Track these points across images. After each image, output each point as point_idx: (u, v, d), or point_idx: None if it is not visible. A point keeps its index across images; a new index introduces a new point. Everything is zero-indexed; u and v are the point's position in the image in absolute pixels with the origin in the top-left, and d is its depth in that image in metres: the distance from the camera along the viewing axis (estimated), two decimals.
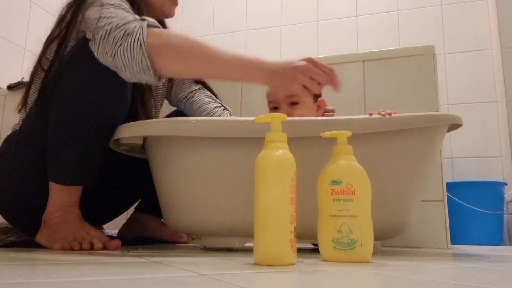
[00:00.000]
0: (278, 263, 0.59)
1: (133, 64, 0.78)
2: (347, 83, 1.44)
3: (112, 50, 0.78)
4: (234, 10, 2.74)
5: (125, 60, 0.78)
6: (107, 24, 0.81)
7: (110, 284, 0.39)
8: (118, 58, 0.79)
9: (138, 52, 0.77)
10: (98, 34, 0.81)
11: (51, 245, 0.86)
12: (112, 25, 0.80)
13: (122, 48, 0.78)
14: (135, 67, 0.78)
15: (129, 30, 0.79)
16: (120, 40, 0.78)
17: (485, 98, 2.20)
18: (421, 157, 0.89)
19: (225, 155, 0.88)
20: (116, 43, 0.78)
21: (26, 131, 0.95)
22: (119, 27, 0.79)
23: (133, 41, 0.78)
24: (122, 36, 0.78)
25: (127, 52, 0.78)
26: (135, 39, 0.77)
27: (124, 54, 0.78)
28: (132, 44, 0.77)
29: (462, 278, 0.52)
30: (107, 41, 0.79)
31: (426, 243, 1.27)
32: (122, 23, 0.80)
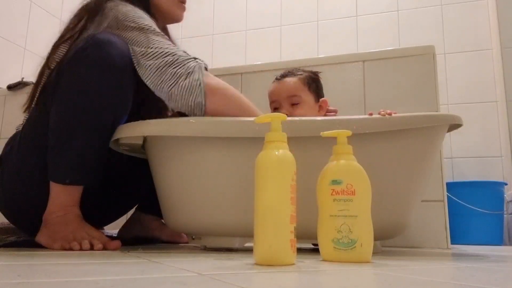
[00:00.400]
0: (278, 263, 0.59)
1: (189, 101, 0.89)
2: (347, 83, 1.44)
3: (172, 83, 0.89)
4: (234, 10, 2.74)
5: (183, 95, 0.89)
6: (163, 55, 0.90)
7: (110, 284, 0.39)
8: (175, 92, 0.89)
9: (196, 91, 0.89)
10: (154, 62, 0.90)
11: (51, 245, 0.86)
12: (172, 58, 0.90)
13: (183, 84, 0.89)
14: (190, 103, 0.90)
15: (190, 69, 0.90)
16: (182, 76, 0.89)
17: (485, 98, 2.20)
18: (421, 157, 0.89)
19: (225, 155, 0.88)
20: (178, 79, 0.89)
21: (27, 131, 0.96)
22: (180, 64, 0.90)
23: (193, 80, 0.89)
24: (183, 73, 0.89)
25: (187, 89, 0.89)
26: (196, 79, 0.89)
27: (183, 90, 0.89)
28: (193, 83, 0.89)
29: (462, 278, 0.52)
30: (165, 73, 0.90)
31: (426, 243, 1.27)
32: (182, 60, 0.91)
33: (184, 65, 0.90)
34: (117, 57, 0.87)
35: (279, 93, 1.10)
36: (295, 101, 1.08)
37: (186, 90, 0.89)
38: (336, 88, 1.43)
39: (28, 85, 1.84)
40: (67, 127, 0.87)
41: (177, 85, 0.89)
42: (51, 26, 2.41)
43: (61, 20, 2.48)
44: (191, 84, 0.89)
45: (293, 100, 1.08)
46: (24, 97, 1.04)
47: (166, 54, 0.90)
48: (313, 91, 1.10)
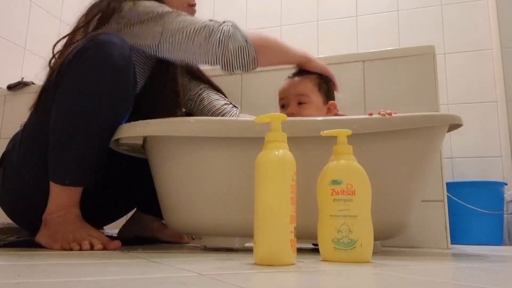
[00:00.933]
0: (278, 263, 0.59)
1: (244, 57, 0.94)
2: (347, 83, 1.44)
3: (223, 52, 0.93)
4: (234, 10, 2.74)
5: (237, 57, 0.94)
6: (196, 31, 0.94)
7: (110, 284, 0.39)
8: (229, 58, 0.94)
9: (246, 47, 0.94)
10: (193, 42, 0.93)
11: (51, 245, 0.86)
12: (207, 31, 0.94)
13: (232, 48, 0.93)
14: (246, 59, 0.95)
15: (229, 32, 0.94)
16: (228, 40, 0.93)
17: (485, 98, 2.20)
18: (421, 157, 0.89)
19: (225, 155, 0.88)
20: (226, 45, 0.93)
21: (28, 131, 0.96)
22: (217, 32, 0.94)
23: (239, 41, 0.94)
24: (226, 38, 0.93)
25: (238, 51, 0.94)
26: (239, 39, 0.94)
27: (236, 54, 0.94)
28: (241, 44, 0.94)
29: (462, 278, 0.52)
30: (212, 45, 0.93)
31: (426, 243, 1.27)
32: (217, 27, 0.94)
33: (222, 32, 0.94)
34: (117, 58, 0.87)
35: (288, 91, 1.10)
36: (302, 100, 1.07)
37: (238, 52, 0.94)
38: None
39: (28, 85, 1.84)
40: (68, 128, 0.87)
41: (227, 52, 0.93)
42: (51, 26, 2.41)
43: (61, 20, 2.48)
44: (240, 45, 0.94)
45: (301, 99, 1.07)
46: (24, 97, 1.04)
47: (199, 29, 0.94)
48: (323, 93, 1.09)
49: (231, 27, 0.95)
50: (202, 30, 0.93)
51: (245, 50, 0.94)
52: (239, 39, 0.94)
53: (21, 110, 1.03)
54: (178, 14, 0.96)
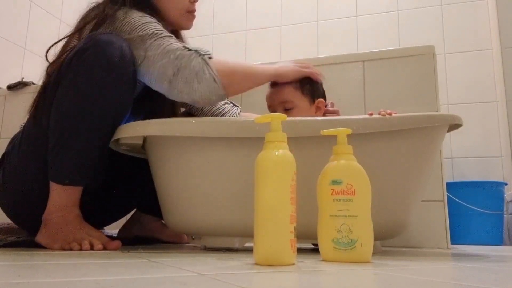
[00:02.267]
0: (278, 263, 0.59)
1: (211, 96, 0.92)
2: (347, 83, 1.44)
3: (189, 91, 0.91)
4: (234, 10, 2.74)
5: (203, 95, 0.92)
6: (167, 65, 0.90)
7: (110, 284, 0.39)
8: (194, 97, 0.92)
9: (213, 85, 0.91)
10: (163, 76, 0.91)
11: (50, 245, 0.86)
12: (176, 66, 0.90)
13: (199, 87, 0.91)
14: (212, 97, 0.93)
15: (195, 68, 0.90)
16: (194, 79, 0.90)
17: (485, 98, 2.20)
18: (421, 157, 0.89)
19: (225, 155, 0.88)
20: (192, 85, 0.90)
21: (28, 131, 0.96)
22: (183, 68, 0.90)
23: (205, 78, 0.91)
24: (193, 77, 0.90)
25: (204, 89, 0.91)
26: (207, 75, 0.91)
27: (202, 91, 0.91)
28: (207, 81, 0.91)
29: (462, 278, 0.52)
30: (179, 82, 0.90)
31: (426, 243, 1.27)
32: (184, 62, 0.90)
33: (189, 69, 0.90)
34: (117, 58, 0.87)
35: (272, 99, 1.10)
36: (288, 107, 1.07)
37: (205, 93, 0.91)
38: (336, 88, 1.43)
39: (28, 85, 1.84)
40: (67, 127, 0.87)
41: (194, 92, 0.91)
42: (51, 26, 2.41)
43: (61, 20, 2.48)
44: (207, 85, 0.91)
45: (286, 106, 1.07)
46: (24, 97, 1.04)
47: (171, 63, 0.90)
48: (307, 94, 1.09)
49: (200, 62, 0.91)
50: (172, 64, 0.90)
51: (212, 90, 0.91)
52: (206, 78, 0.90)
53: (21, 110, 1.03)
54: (159, 41, 0.92)
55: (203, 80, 0.90)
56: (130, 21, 0.94)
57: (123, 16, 0.95)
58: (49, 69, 0.97)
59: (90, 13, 1.01)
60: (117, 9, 0.96)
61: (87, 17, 1.01)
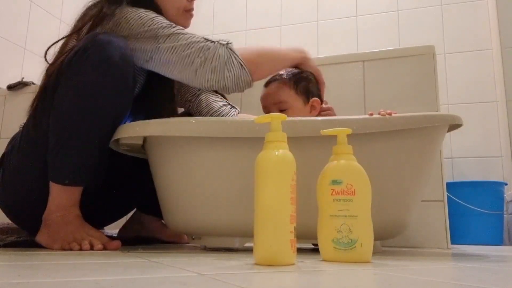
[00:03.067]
0: (278, 263, 0.59)
1: (239, 82, 0.96)
2: (347, 83, 1.44)
3: (218, 79, 0.94)
4: (234, 10, 2.74)
5: (234, 83, 0.95)
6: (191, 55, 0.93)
7: (110, 284, 0.39)
8: (225, 84, 0.95)
9: (241, 72, 0.95)
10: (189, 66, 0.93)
11: (51, 245, 0.86)
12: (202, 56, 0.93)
13: (229, 75, 0.94)
14: (241, 84, 0.96)
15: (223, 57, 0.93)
16: (224, 68, 0.93)
17: (485, 98, 2.20)
18: (421, 157, 0.89)
19: (225, 155, 0.88)
20: (222, 73, 0.93)
21: (28, 131, 0.96)
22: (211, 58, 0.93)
23: (234, 65, 0.94)
24: (223, 66, 0.93)
25: (233, 75, 0.94)
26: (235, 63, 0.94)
27: (232, 78, 0.94)
28: (236, 68, 0.94)
29: (462, 278, 0.52)
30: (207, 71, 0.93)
31: (426, 243, 1.27)
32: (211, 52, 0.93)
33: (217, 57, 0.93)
34: (117, 57, 0.87)
35: (266, 100, 1.10)
36: (282, 107, 1.07)
37: (234, 79, 0.94)
38: (336, 88, 1.43)
39: (28, 85, 1.84)
40: (67, 127, 0.87)
41: (223, 79, 0.93)
42: (51, 26, 2.41)
43: (61, 20, 2.48)
44: (236, 73, 0.94)
45: (280, 107, 1.07)
46: (24, 97, 1.04)
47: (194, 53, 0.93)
48: (302, 93, 1.08)
49: (226, 52, 0.94)
50: (197, 54, 0.93)
51: (241, 76, 0.95)
52: (235, 65, 0.94)
53: (21, 110, 1.03)
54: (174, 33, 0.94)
55: (232, 68, 0.94)
56: (136, 17, 0.94)
57: (126, 13, 0.95)
58: (49, 70, 0.97)
59: (87, 12, 1.01)
60: (115, 9, 0.96)
61: (85, 16, 1.01)
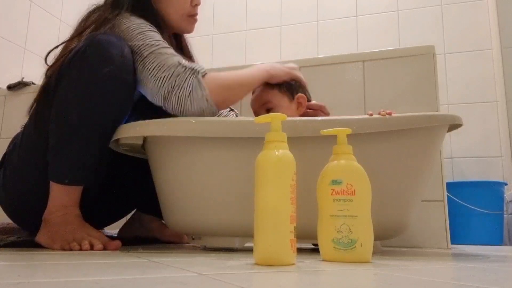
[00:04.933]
0: (278, 263, 0.59)
1: (202, 114, 0.93)
2: (347, 83, 1.44)
3: (182, 109, 0.92)
4: (234, 10, 2.74)
5: (196, 114, 0.93)
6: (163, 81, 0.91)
7: (110, 284, 0.39)
8: (188, 114, 0.93)
9: (206, 106, 0.93)
10: (158, 93, 0.92)
11: (50, 245, 0.86)
12: (171, 82, 0.91)
13: (191, 107, 0.92)
14: (205, 115, 0.94)
15: (189, 88, 0.91)
16: (187, 99, 0.91)
17: (485, 98, 2.20)
18: (421, 157, 0.89)
19: (225, 155, 0.88)
20: (184, 103, 0.92)
21: (29, 131, 0.96)
22: (177, 86, 0.91)
23: (198, 99, 0.92)
24: (186, 97, 0.91)
25: (196, 109, 0.92)
26: (199, 96, 0.92)
27: (194, 111, 0.92)
28: (200, 102, 0.92)
29: (462, 278, 0.52)
30: (172, 99, 0.92)
31: (426, 243, 1.27)
32: (178, 81, 0.91)
33: (183, 88, 0.91)
34: (117, 58, 0.87)
35: (254, 104, 1.12)
36: (269, 107, 1.07)
37: (197, 110, 0.92)
38: (336, 88, 1.43)
39: (28, 85, 1.84)
40: (67, 127, 0.87)
41: (186, 110, 0.92)
42: (51, 26, 2.41)
43: (61, 20, 2.47)
44: (199, 106, 0.92)
45: (267, 106, 1.08)
46: (24, 97, 1.04)
47: (166, 80, 0.91)
48: (285, 91, 1.09)
49: (193, 82, 0.91)
50: (166, 80, 0.91)
51: (204, 109, 0.92)
52: (199, 98, 0.91)
53: (21, 110, 1.03)
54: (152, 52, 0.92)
55: (195, 100, 0.91)
56: (127, 29, 0.94)
57: (122, 22, 0.95)
58: (49, 71, 0.97)
59: (90, 16, 1.01)
60: (117, 14, 0.96)
61: (87, 20, 1.01)
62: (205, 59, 0.97)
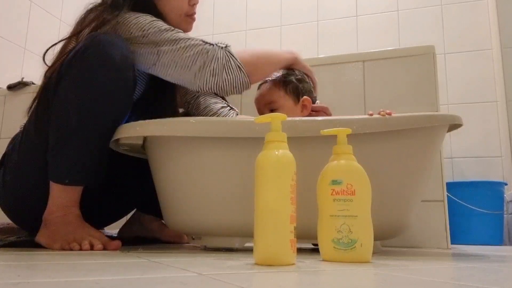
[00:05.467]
0: (278, 263, 0.59)
1: (238, 85, 0.97)
2: (347, 83, 1.44)
3: (217, 81, 0.95)
4: (234, 10, 2.74)
5: (231, 83, 0.96)
6: (191, 58, 0.94)
7: (110, 284, 0.39)
8: (224, 86, 0.96)
9: (240, 75, 0.96)
10: (188, 69, 0.94)
11: (50, 245, 0.86)
12: (201, 59, 0.94)
13: (227, 77, 0.95)
14: (239, 86, 0.97)
15: (222, 60, 0.95)
16: (222, 71, 0.95)
17: (485, 98, 2.20)
18: (421, 157, 0.89)
19: (225, 155, 0.88)
20: (220, 76, 0.95)
21: (28, 131, 0.96)
22: (209, 61, 0.94)
23: (233, 69, 0.96)
24: (221, 69, 0.94)
25: (231, 78, 0.96)
26: (233, 66, 0.96)
27: (230, 80, 0.96)
28: (234, 71, 0.96)
29: (462, 278, 0.52)
30: (206, 74, 0.94)
31: (426, 243, 1.27)
32: (210, 56, 0.94)
33: (216, 60, 0.94)
34: (117, 57, 0.87)
35: (258, 102, 1.12)
36: (273, 107, 1.08)
37: (233, 81, 0.96)
38: (336, 88, 1.43)
39: (28, 85, 1.84)
40: (67, 127, 0.87)
41: (222, 82, 0.95)
42: (51, 26, 2.41)
43: (61, 20, 2.48)
44: (234, 75, 0.96)
45: (271, 107, 1.08)
46: (24, 97, 1.04)
47: (194, 56, 0.93)
48: (291, 92, 1.08)
49: (224, 54, 0.95)
50: (196, 57, 0.93)
51: (239, 79, 0.96)
52: (233, 68, 0.96)
53: (21, 110, 1.03)
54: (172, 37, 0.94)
55: (230, 71, 0.95)
56: (135, 21, 0.94)
57: (128, 18, 0.95)
58: (48, 72, 0.97)
59: (88, 15, 1.01)
60: (116, 15, 0.96)
61: (85, 19, 1.00)
62: None
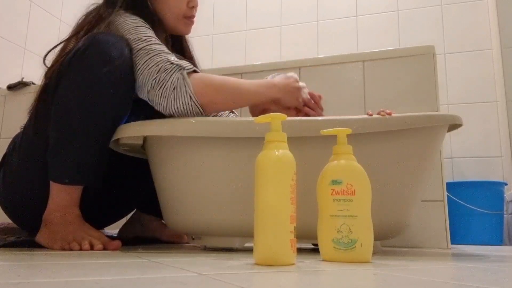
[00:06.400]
0: (278, 263, 0.59)
1: (187, 113, 0.91)
2: (347, 83, 1.44)
3: (165, 105, 0.90)
4: (234, 10, 2.74)
5: (179, 110, 0.90)
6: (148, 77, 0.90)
7: (110, 284, 0.39)
8: (172, 112, 0.91)
9: (189, 103, 0.90)
10: (144, 87, 0.91)
11: (50, 245, 0.86)
12: (156, 78, 0.90)
13: (174, 103, 0.90)
14: (189, 114, 0.91)
15: (173, 84, 0.89)
16: (171, 95, 0.90)
17: (485, 98, 2.20)
18: (421, 157, 0.89)
19: (225, 155, 0.88)
20: (168, 100, 0.90)
21: (29, 132, 0.96)
22: (161, 82, 0.90)
23: (182, 95, 0.90)
24: (170, 93, 0.89)
25: (180, 105, 0.90)
26: (183, 93, 0.90)
27: (178, 107, 0.90)
28: (183, 98, 0.90)
29: (462, 278, 0.52)
30: (157, 95, 0.90)
31: (426, 243, 1.27)
32: (163, 77, 0.90)
33: (168, 83, 0.89)
34: (116, 57, 0.87)
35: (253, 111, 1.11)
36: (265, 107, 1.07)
37: (180, 107, 0.90)
38: (336, 88, 1.43)
39: (28, 85, 1.84)
40: (67, 127, 0.87)
41: (168, 106, 0.90)
42: (51, 26, 2.41)
43: (61, 20, 2.48)
44: (183, 102, 0.90)
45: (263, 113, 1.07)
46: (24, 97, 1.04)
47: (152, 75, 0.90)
48: None
49: (179, 78, 0.89)
50: (152, 76, 0.90)
51: (188, 107, 0.89)
52: (183, 95, 0.89)
53: (21, 110, 1.03)
54: (144, 49, 0.91)
55: (178, 96, 0.89)
56: (121, 24, 0.94)
57: (117, 18, 0.95)
58: (48, 72, 0.97)
59: (87, 17, 1.01)
60: (111, 12, 0.97)
61: (85, 20, 1.01)
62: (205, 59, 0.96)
